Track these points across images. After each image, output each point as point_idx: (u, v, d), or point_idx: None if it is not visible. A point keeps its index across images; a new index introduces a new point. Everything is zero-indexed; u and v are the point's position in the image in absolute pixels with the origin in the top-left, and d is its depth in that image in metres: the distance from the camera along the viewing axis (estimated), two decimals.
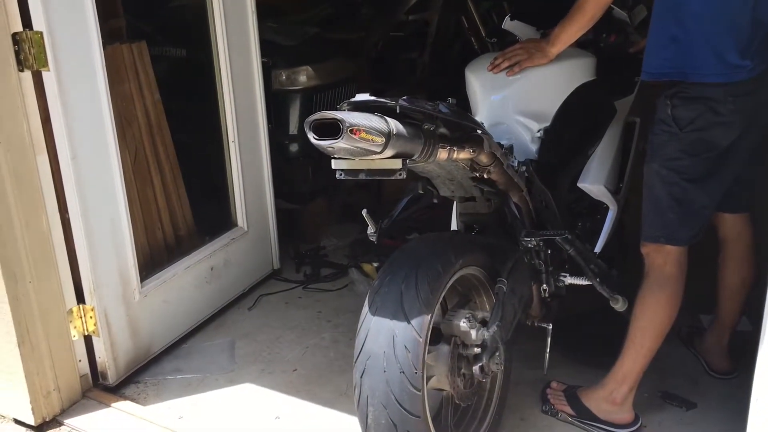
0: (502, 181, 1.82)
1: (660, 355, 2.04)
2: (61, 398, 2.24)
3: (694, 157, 1.84)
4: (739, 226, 2.16)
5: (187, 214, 2.84)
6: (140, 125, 2.61)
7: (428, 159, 1.48)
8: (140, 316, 2.44)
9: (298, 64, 3.25)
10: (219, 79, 2.77)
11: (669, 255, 1.94)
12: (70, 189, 2.13)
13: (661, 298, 1.96)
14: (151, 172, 2.67)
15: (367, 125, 1.30)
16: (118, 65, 2.49)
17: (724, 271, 2.22)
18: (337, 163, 1.44)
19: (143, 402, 2.32)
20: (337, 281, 3.09)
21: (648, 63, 1.88)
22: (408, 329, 1.55)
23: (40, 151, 2.09)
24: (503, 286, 1.80)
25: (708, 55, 1.76)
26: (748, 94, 1.78)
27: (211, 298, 2.80)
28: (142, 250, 2.53)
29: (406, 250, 1.72)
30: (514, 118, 2.15)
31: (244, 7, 2.80)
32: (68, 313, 2.24)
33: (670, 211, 1.90)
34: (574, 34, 2.07)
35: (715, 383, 2.29)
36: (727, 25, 1.74)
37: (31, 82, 2.03)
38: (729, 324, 2.28)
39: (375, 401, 1.56)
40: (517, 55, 2.15)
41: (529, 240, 1.90)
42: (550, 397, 2.18)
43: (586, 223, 2.30)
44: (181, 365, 2.52)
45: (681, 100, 1.82)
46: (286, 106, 3.23)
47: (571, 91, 2.19)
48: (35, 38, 1.99)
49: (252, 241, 3.00)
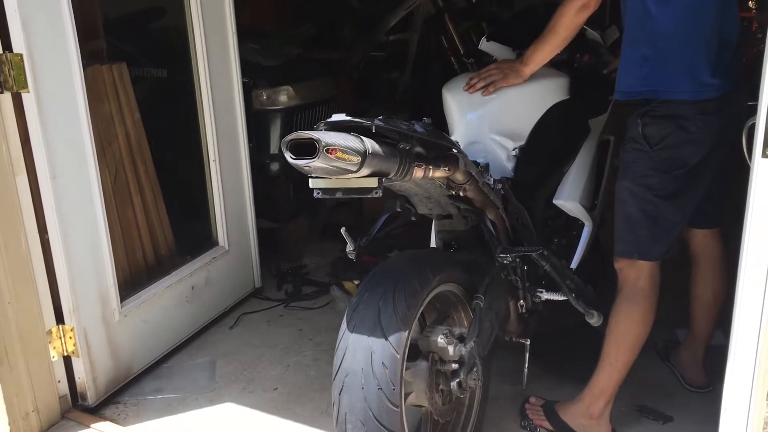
0: (478, 198, 1.85)
1: (636, 369, 2.06)
2: (39, 419, 2.22)
3: (665, 174, 1.88)
4: (709, 241, 2.20)
5: (167, 233, 2.84)
6: (120, 145, 2.62)
7: (404, 177, 1.50)
8: (120, 336, 2.43)
9: (279, 83, 3.29)
10: (200, 99, 2.79)
11: (642, 270, 1.98)
12: (50, 209, 2.13)
13: (634, 313, 1.99)
14: (131, 192, 2.67)
15: (343, 145, 1.32)
16: (98, 86, 2.50)
17: (696, 286, 2.26)
18: (314, 182, 1.46)
19: (123, 422, 2.30)
20: (318, 299, 3.10)
21: (621, 82, 1.93)
22: (386, 346, 1.56)
23: (19, 172, 2.09)
24: (480, 302, 1.82)
25: (679, 74, 1.81)
26: (717, 112, 1.83)
27: (192, 318, 2.80)
28: (122, 269, 2.53)
29: (384, 267, 1.73)
30: (490, 137, 2.19)
31: (224, 27, 2.83)
32: (47, 334, 2.23)
33: (642, 228, 1.93)
34: (547, 55, 2.12)
35: (691, 397, 2.31)
36: (698, 45, 1.80)
37: (10, 104, 2.04)
38: (703, 338, 2.31)
39: (353, 418, 1.56)
40: (492, 75, 2.19)
41: (506, 256, 1.91)
42: (528, 412, 2.20)
43: (562, 240, 2.34)
44: (162, 385, 2.51)
45: (651, 119, 1.86)
46: (267, 126, 3.25)
47: (546, 110, 2.22)
48: (15, 60, 2.00)
49: (233, 259, 3.00)
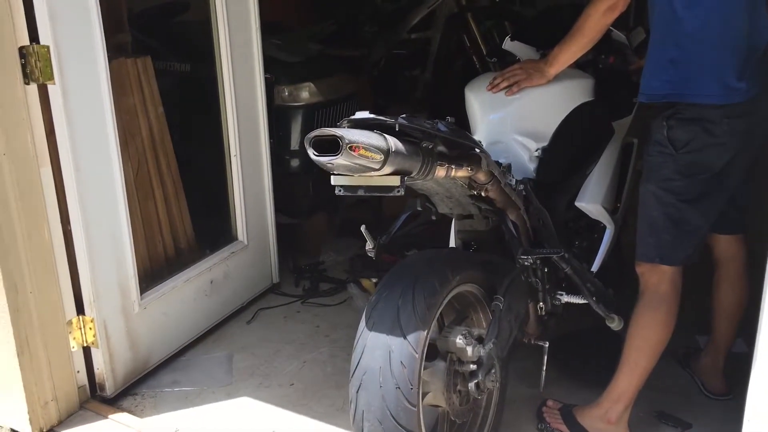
0: (500, 199, 1.84)
1: (656, 375, 2.04)
2: (58, 409, 2.25)
3: (690, 178, 1.86)
4: (733, 247, 2.17)
5: (187, 227, 2.86)
6: (143, 139, 2.64)
7: (426, 176, 1.50)
8: (139, 328, 2.45)
9: (301, 80, 3.28)
10: (222, 94, 2.80)
11: (664, 275, 1.96)
12: (73, 201, 2.15)
13: (655, 318, 1.97)
14: (153, 185, 2.69)
15: (366, 142, 1.32)
16: (122, 79, 2.52)
17: (719, 293, 2.23)
18: (336, 179, 1.46)
19: (140, 414, 2.32)
20: (335, 296, 3.10)
21: (646, 85, 1.90)
22: (404, 345, 1.56)
23: (43, 163, 2.11)
24: (500, 303, 1.81)
25: (707, 77, 1.78)
26: (743, 116, 1.81)
27: (210, 311, 2.81)
28: (143, 262, 2.55)
29: (403, 266, 1.73)
30: (513, 137, 2.17)
31: (248, 23, 2.83)
32: (68, 324, 2.25)
33: (665, 232, 1.91)
34: (572, 55, 2.10)
35: (711, 404, 2.29)
36: (725, 48, 1.77)
37: (36, 95, 2.06)
38: (724, 345, 2.28)
39: (371, 416, 1.56)
40: (516, 75, 2.17)
41: (526, 258, 1.90)
42: (545, 416, 2.19)
43: (583, 242, 2.32)
44: (179, 378, 2.53)
45: (677, 122, 1.84)
46: (288, 122, 3.26)
47: (570, 111, 2.21)
48: (42, 52, 2.02)
49: (252, 255, 3.01)
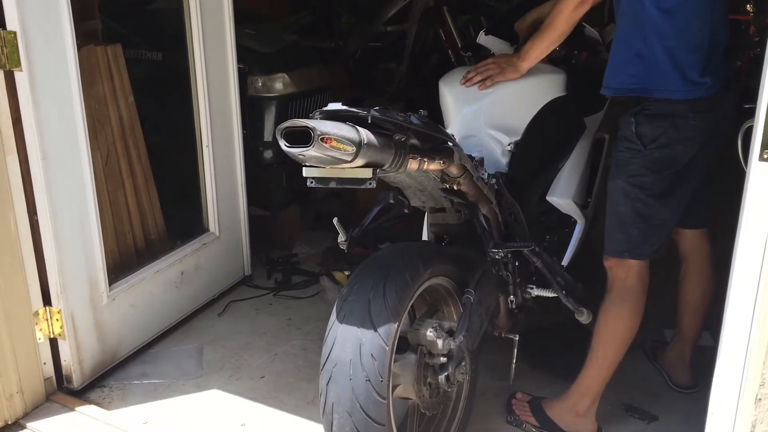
0: (472, 192, 1.84)
1: (623, 368, 2.07)
2: (24, 401, 2.21)
3: (657, 173, 1.88)
4: (698, 241, 2.21)
5: (158, 218, 2.83)
6: (113, 128, 2.60)
7: (399, 169, 1.50)
8: (107, 319, 2.42)
9: (275, 71, 3.26)
10: (194, 83, 2.76)
11: (631, 269, 1.98)
12: (40, 190, 2.11)
13: (622, 311, 2.00)
14: (122, 175, 2.65)
15: (338, 134, 1.32)
16: (92, 67, 2.47)
17: (685, 287, 2.26)
18: (308, 170, 1.46)
19: (108, 406, 2.29)
20: (308, 289, 3.09)
21: (611, 78, 1.92)
22: (375, 337, 1.56)
23: (9, 151, 2.07)
24: (471, 296, 1.82)
25: (672, 72, 1.81)
26: (707, 111, 1.84)
27: (181, 303, 2.79)
28: (112, 253, 2.51)
29: (375, 258, 1.73)
30: (486, 131, 2.18)
31: (221, 12, 2.80)
32: (34, 315, 2.21)
33: (633, 227, 1.94)
34: (544, 50, 2.11)
35: (677, 397, 2.33)
36: (689, 43, 1.80)
37: (2, 82, 2.01)
38: (690, 338, 2.32)
39: (340, 409, 1.56)
40: (489, 69, 2.18)
41: (497, 251, 1.91)
42: (515, 408, 2.21)
43: (554, 237, 2.34)
44: (148, 370, 2.50)
45: (645, 118, 1.87)
46: (262, 113, 3.23)
47: (542, 106, 2.22)
48: (8, 38, 1.97)
49: (223, 246, 2.99)
